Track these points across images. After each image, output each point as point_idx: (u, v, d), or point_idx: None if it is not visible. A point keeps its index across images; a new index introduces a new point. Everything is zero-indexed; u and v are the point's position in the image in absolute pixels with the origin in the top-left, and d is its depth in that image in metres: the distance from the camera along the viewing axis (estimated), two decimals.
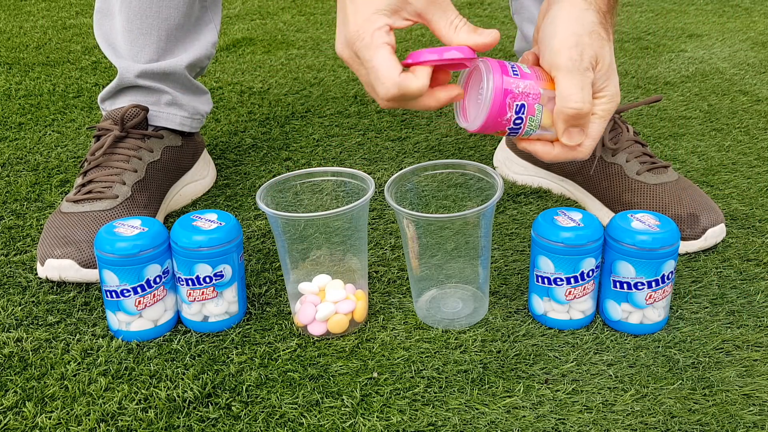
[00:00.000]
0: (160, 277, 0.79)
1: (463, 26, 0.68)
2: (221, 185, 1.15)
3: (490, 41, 0.68)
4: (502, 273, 0.92)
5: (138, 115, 1.02)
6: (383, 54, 0.66)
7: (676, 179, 1.00)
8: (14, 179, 1.16)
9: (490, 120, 0.70)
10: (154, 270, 0.78)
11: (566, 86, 0.67)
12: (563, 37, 0.67)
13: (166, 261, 0.80)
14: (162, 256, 0.79)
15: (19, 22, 2.00)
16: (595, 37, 0.68)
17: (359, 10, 0.67)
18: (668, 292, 0.80)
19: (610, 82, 0.70)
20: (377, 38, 0.66)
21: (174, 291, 0.82)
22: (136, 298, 0.78)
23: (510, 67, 0.70)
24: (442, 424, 0.70)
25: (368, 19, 0.66)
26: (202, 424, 0.70)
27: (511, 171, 1.15)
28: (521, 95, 0.70)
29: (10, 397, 0.73)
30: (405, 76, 0.67)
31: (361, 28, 0.66)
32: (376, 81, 0.67)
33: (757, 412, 0.70)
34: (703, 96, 1.46)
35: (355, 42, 0.67)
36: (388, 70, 0.66)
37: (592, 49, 0.67)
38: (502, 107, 0.69)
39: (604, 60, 0.69)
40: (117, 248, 0.77)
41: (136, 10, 1.02)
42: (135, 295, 0.78)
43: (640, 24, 1.96)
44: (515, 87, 0.69)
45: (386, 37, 0.66)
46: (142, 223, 0.80)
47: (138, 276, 0.78)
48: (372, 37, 0.66)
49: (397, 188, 0.81)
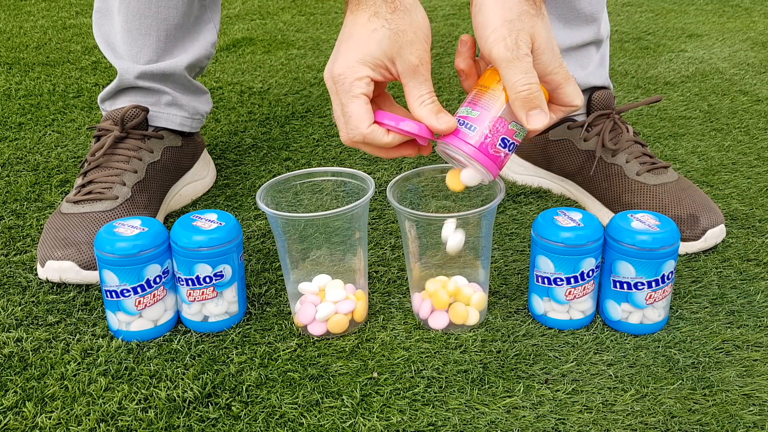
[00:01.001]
0: (160, 277, 0.79)
1: (429, 104, 0.72)
2: (221, 185, 1.15)
3: (443, 129, 0.72)
4: (502, 273, 0.92)
5: (138, 115, 1.02)
6: (358, 104, 0.70)
7: (676, 179, 1.00)
8: (14, 179, 1.16)
9: (495, 169, 0.73)
10: (154, 270, 0.78)
11: (510, 76, 0.69)
12: (495, 26, 0.69)
13: (166, 261, 0.80)
14: (162, 256, 0.79)
15: (19, 22, 2.00)
16: (525, 17, 0.69)
17: (349, 53, 0.71)
18: (668, 292, 0.80)
19: (552, 56, 0.71)
20: (356, 87, 0.70)
21: (174, 291, 0.82)
22: (136, 298, 0.78)
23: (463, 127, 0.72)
24: (442, 424, 0.70)
25: (352, 67, 0.70)
26: (202, 424, 0.70)
27: (511, 171, 1.15)
28: (492, 134, 0.72)
29: (10, 397, 0.73)
30: (374, 129, 0.71)
31: (344, 72, 0.70)
32: (347, 125, 0.71)
33: (757, 412, 0.70)
34: (703, 96, 1.46)
35: (337, 83, 0.71)
36: (358, 121, 0.71)
37: (525, 31, 0.69)
38: (494, 159, 0.72)
39: (540, 36, 0.70)
40: (117, 248, 0.77)
41: (135, 11, 1.02)
42: (135, 295, 0.78)
43: (640, 24, 1.96)
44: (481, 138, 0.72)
45: (364, 87, 0.70)
46: (142, 223, 0.80)
47: (138, 276, 0.78)
48: (351, 85, 0.70)
49: (398, 188, 0.81)
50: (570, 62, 1.06)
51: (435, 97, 0.72)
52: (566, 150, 1.07)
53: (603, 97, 1.05)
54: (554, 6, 1.04)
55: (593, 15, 1.04)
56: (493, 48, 0.68)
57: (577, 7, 1.03)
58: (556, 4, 1.03)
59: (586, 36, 1.05)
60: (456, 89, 1.52)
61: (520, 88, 0.68)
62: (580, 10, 1.04)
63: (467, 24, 1.99)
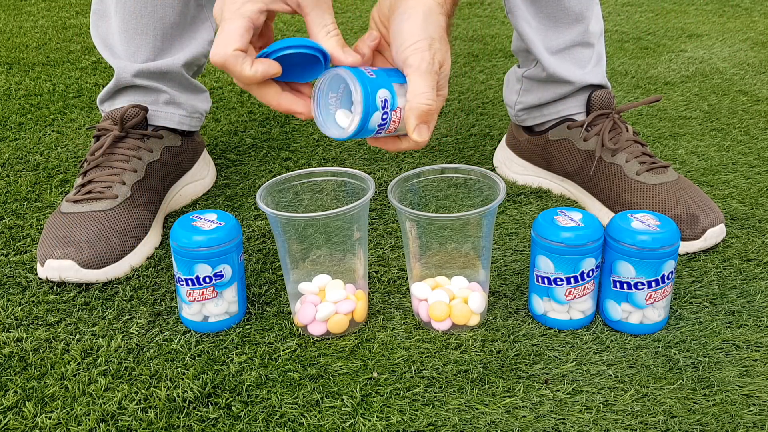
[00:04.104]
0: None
1: (335, 35, 0.70)
2: (221, 185, 1.15)
3: (350, 62, 0.70)
4: (502, 273, 0.92)
5: (137, 115, 1.02)
6: (235, 25, 0.66)
7: (676, 179, 1.00)
8: (14, 179, 1.16)
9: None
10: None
11: (421, 86, 0.69)
12: (420, 37, 0.69)
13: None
14: None
15: (19, 22, 2.00)
16: (443, 43, 0.71)
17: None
18: (668, 292, 0.80)
19: (446, 82, 0.73)
20: (243, 8, 0.67)
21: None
22: None
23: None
24: (442, 424, 0.70)
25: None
26: (202, 424, 0.70)
27: (511, 171, 1.15)
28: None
29: (10, 397, 0.73)
30: (238, 55, 0.66)
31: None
32: (215, 43, 0.67)
33: (757, 412, 0.70)
34: (703, 96, 1.46)
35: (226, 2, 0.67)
36: (226, 40, 0.66)
37: (441, 53, 0.70)
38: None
39: (448, 63, 0.72)
40: None
41: (132, 10, 1.02)
42: None
43: (640, 24, 1.96)
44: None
45: (253, 12, 0.67)
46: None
47: None
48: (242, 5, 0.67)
49: (398, 188, 0.81)
50: (565, 62, 1.06)
51: (338, 30, 0.71)
52: (566, 150, 1.07)
53: (602, 96, 1.05)
54: (542, 5, 1.04)
55: (582, 13, 1.04)
56: (411, 56, 0.69)
57: (566, 6, 1.03)
58: (544, 3, 1.03)
59: (575, 34, 1.05)
60: (456, 89, 1.52)
61: (424, 101, 0.69)
62: (569, 8, 1.04)
63: (467, 24, 1.99)
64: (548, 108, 1.09)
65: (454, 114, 1.40)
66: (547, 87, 1.07)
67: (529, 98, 1.10)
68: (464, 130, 1.33)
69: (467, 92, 1.51)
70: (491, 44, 1.81)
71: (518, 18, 1.05)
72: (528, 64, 1.10)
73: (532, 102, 1.10)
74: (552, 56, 1.06)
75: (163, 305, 0.86)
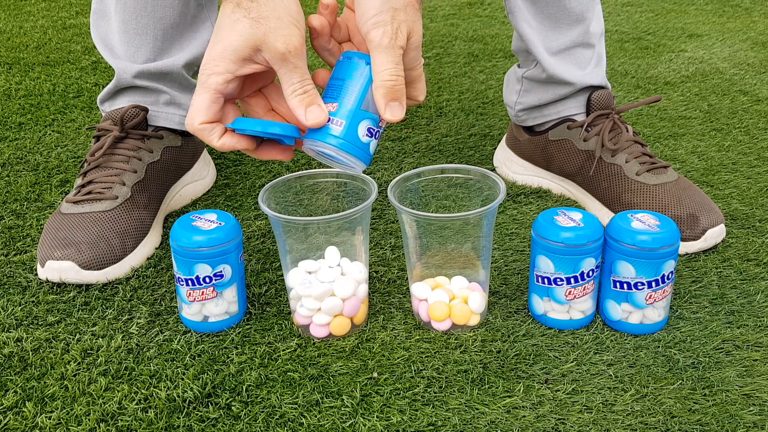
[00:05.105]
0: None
1: (300, 94, 0.69)
2: (221, 185, 1.15)
3: (309, 124, 0.69)
4: (502, 273, 0.92)
5: (138, 115, 1.02)
6: (203, 97, 0.68)
7: (676, 179, 1.00)
8: (14, 179, 1.16)
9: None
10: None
11: (382, 62, 0.68)
12: (381, 9, 0.67)
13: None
14: None
15: (19, 22, 2.00)
16: (410, 11, 0.69)
17: (214, 47, 0.68)
18: (668, 292, 0.80)
19: (419, 53, 0.71)
20: (210, 81, 0.68)
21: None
22: None
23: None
24: (442, 424, 0.70)
25: (213, 59, 0.68)
26: (202, 424, 0.70)
27: (511, 171, 1.15)
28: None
29: (10, 397, 0.73)
30: (205, 128, 0.69)
31: (205, 64, 0.68)
32: (188, 112, 0.70)
33: (757, 412, 0.70)
34: (703, 96, 1.46)
35: (199, 73, 0.69)
36: (195, 113, 0.69)
37: (407, 24, 0.68)
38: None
39: (417, 32, 0.70)
40: None
41: (131, 11, 1.02)
42: None
43: (640, 24, 1.96)
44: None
45: (219, 83, 0.68)
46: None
47: None
48: (208, 77, 0.68)
49: (398, 188, 0.81)
50: (566, 63, 1.06)
51: (309, 85, 0.69)
52: (566, 150, 1.07)
53: (602, 96, 1.05)
54: (543, 5, 1.04)
55: (582, 14, 1.04)
56: (371, 30, 0.67)
57: (567, 7, 1.03)
58: (545, 3, 1.03)
59: (576, 35, 1.05)
60: (456, 89, 1.52)
61: (388, 77, 0.68)
62: (570, 9, 1.03)
63: (467, 24, 1.99)
64: (548, 108, 1.09)
65: (454, 114, 1.40)
66: (547, 88, 1.07)
67: (529, 99, 1.10)
68: (464, 130, 1.33)
69: (467, 92, 1.51)
70: (491, 44, 1.81)
71: (518, 18, 1.05)
72: (528, 65, 1.10)
73: (532, 102, 1.10)
74: (552, 57, 1.06)
75: (163, 305, 0.87)
